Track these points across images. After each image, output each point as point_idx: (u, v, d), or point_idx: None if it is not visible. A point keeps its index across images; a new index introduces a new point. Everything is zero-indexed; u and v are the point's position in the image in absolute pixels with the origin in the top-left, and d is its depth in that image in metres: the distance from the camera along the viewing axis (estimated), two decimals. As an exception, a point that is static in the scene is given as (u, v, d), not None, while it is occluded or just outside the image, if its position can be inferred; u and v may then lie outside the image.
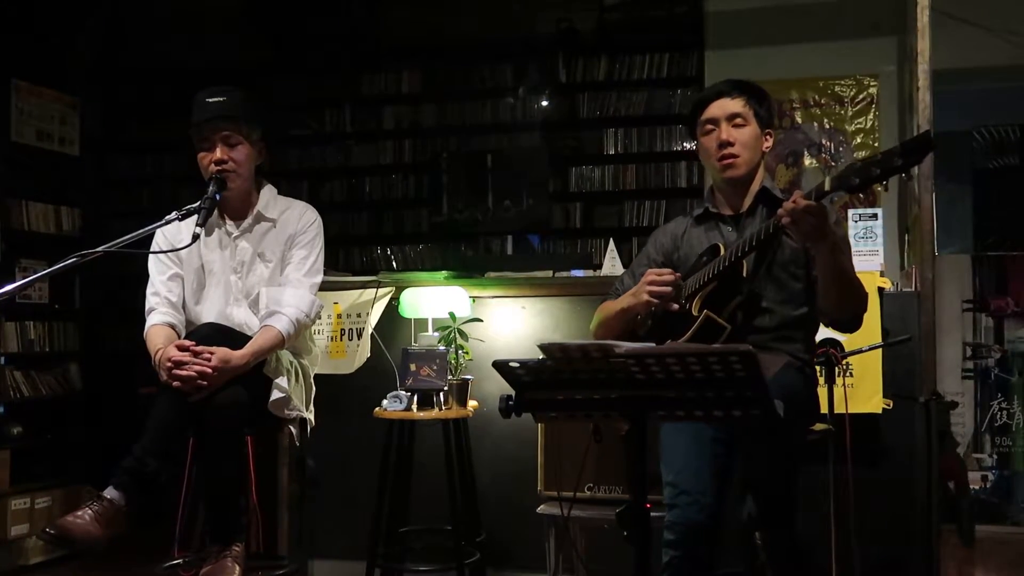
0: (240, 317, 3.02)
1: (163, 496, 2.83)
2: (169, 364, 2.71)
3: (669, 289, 2.49)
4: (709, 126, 2.61)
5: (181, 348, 2.74)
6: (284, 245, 3.06)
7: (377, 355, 3.83)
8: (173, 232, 3.01)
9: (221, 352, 2.75)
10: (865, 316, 2.55)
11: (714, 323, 2.43)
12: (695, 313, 2.48)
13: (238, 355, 2.79)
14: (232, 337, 2.87)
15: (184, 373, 2.70)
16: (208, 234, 3.04)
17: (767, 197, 2.63)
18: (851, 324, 2.56)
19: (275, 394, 2.91)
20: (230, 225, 3.07)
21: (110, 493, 2.64)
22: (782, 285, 2.55)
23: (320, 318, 3.31)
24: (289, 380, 2.97)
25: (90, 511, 2.59)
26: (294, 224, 3.08)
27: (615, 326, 2.68)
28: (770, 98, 2.67)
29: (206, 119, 2.96)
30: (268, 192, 3.13)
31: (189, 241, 2.77)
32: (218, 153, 2.94)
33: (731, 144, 2.57)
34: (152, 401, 2.77)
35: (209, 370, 2.71)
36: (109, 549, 2.65)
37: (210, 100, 2.98)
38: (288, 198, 3.18)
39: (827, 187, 2.22)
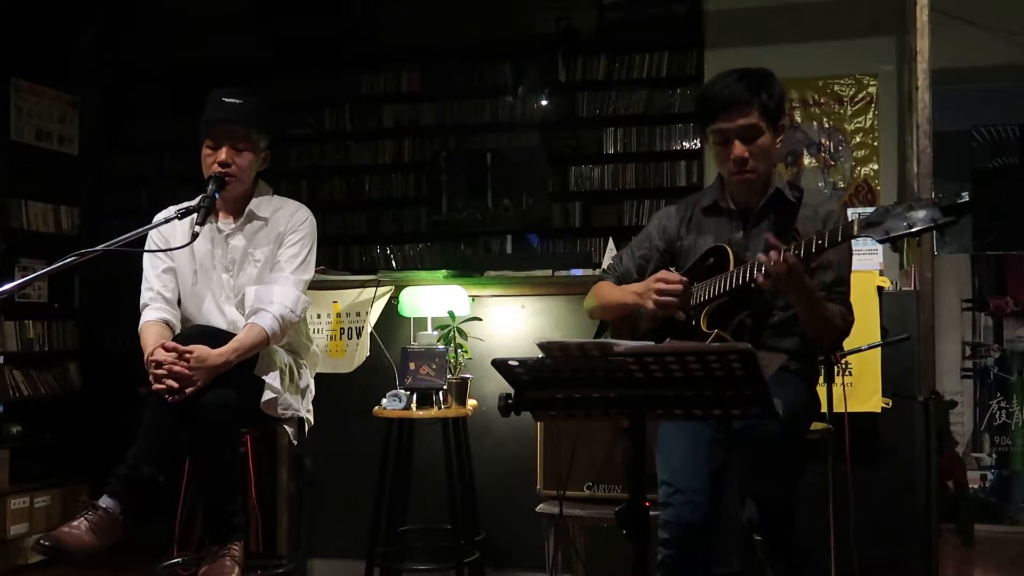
0: (231, 315, 3.00)
1: (162, 496, 2.83)
2: (152, 366, 2.72)
3: (676, 300, 2.45)
4: (720, 137, 2.50)
5: (167, 349, 2.73)
6: (274, 243, 3.03)
7: (376, 354, 3.83)
8: (168, 229, 2.99)
9: (198, 351, 2.73)
10: (864, 315, 2.55)
11: (725, 342, 2.40)
12: (704, 329, 2.44)
13: (216, 353, 2.76)
14: (218, 338, 2.84)
15: (161, 372, 2.69)
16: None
17: (779, 200, 2.58)
18: (830, 349, 2.67)
19: (267, 394, 2.88)
20: (222, 223, 3.04)
21: (104, 502, 2.64)
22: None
23: (306, 316, 3.27)
24: (283, 380, 2.95)
25: (85, 521, 2.59)
26: (284, 222, 3.05)
27: (613, 314, 2.70)
28: (779, 86, 2.52)
29: (218, 119, 2.94)
30: (264, 191, 3.12)
31: (183, 239, 2.76)
32: (223, 155, 2.92)
33: (746, 160, 2.48)
34: (143, 405, 2.77)
35: (183, 370, 2.69)
36: (108, 550, 2.65)
37: (226, 100, 2.95)
38: (283, 198, 3.15)
39: (855, 231, 2.15)
